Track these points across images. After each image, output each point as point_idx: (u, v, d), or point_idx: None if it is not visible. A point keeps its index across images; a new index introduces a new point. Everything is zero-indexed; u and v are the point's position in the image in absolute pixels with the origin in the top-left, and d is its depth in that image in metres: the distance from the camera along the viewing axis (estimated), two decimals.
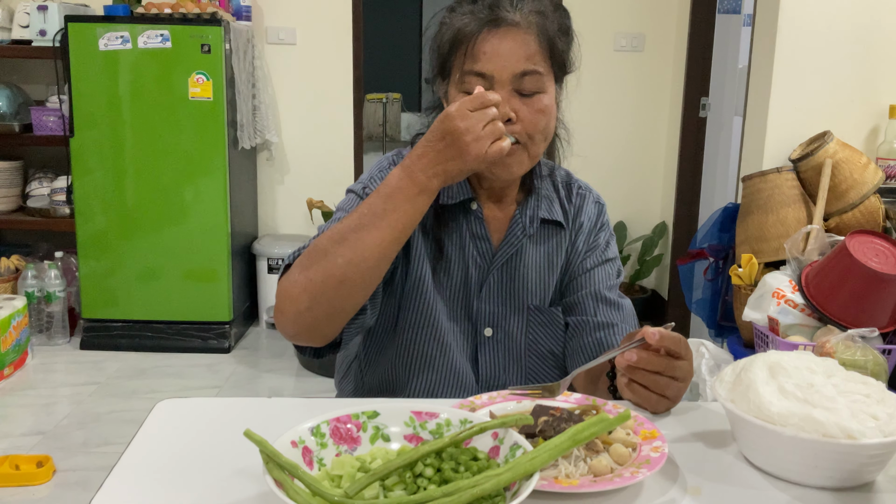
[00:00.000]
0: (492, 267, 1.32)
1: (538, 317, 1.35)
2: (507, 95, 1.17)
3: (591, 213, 1.40)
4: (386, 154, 1.36)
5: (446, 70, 1.23)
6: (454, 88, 1.21)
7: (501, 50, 1.17)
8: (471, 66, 1.18)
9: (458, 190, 1.30)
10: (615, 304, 1.36)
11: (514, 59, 1.17)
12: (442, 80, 1.26)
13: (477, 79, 1.17)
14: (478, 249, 1.32)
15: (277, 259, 4.12)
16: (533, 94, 1.20)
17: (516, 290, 1.34)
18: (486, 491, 0.76)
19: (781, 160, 2.74)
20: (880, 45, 2.73)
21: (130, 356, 3.75)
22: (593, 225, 1.39)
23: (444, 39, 1.22)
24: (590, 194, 1.42)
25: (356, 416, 0.92)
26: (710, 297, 2.82)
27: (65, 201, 3.94)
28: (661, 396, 1.08)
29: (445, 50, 1.22)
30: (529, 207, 1.34)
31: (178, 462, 0.95)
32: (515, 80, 1.18)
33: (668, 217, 4.33)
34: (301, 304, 1.10)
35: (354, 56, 4.26)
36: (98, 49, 3.60)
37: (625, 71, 4.28)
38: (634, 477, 0.88)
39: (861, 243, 2.20)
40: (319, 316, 1.11)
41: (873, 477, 0.93)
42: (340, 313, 1.13)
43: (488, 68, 1.17)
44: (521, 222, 1.33)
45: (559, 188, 1.39)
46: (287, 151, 4.34)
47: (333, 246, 1.09)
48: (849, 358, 1.87)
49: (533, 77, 1.19)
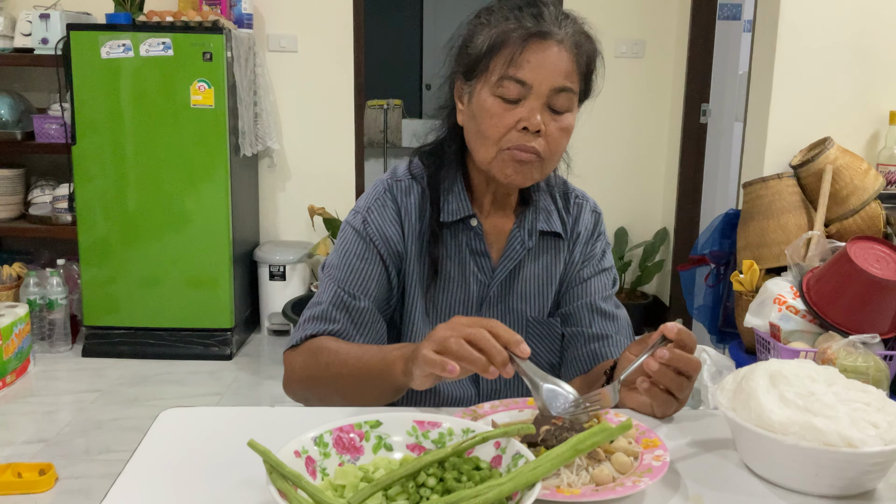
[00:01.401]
0: (492, 283, 1.32)
1: (537, 328, 1.35)
2: (539, 108, 1.18)
3: (588, 222, 1.40)
4: (381, 177, 1.34)
5: (476, 70, 1.22)
6: (487, 90, 1.20)
7: (546, 62, 1.18)
8: (514, 72, 1.18)
9: (458, 206, 1.29)
10: (610, 315, 1.36)
11: (556, 73, 1.18)
12: (465, 81, 1.25)
13: (516, 85, 1.18)
14: (478, 266, 1.31)
15: (279, 265, 4.12)
16: (563, 113, 1.21)
17: (515, 304, 1.34)
18: (488, 500, 0.76)
19: (782, 166, 2.75)
20: (880, 51, 2.74)
21: (132, 363, 3.76)
22: (590, 234, 1.39)
23: (481, 39, 1.22)
24: (587, 203, 1.42)
25: (359, 425, 0.92)
26: (712, 304, 2.82)
27: (67, 209, 3.95)
28: (674, 398, 1.09)
29: (482, 50, 1.21)
30: (528, 220, 1.33)
31: (182, 472, 0.95)
32: (552, 94, 1.19)
33: (670, 223, 4.34)
34: (298, 392, 1.27)
35: (355, 63, 4.27)
36: (100, 57, 3.61)
37: (625, 77, 4.29)
38: (636, 486, 0.88)
39: (862, 249, 2.20)
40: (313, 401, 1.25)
41: (874, 485, 0.94)
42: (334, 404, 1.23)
43: (530, 77, 1.17)
44: (519, 236, 1.33)
45: (556, 199, 1.39)
46: (288, 158, 4.34)
47: (330, 381, 1.20)
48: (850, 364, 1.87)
49: (567, 95, 1.20)
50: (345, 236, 1.30)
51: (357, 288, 1.25)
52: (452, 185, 1.30)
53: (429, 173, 1.32)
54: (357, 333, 1.24)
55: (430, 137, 1.36)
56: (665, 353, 1.05)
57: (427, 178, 1.32)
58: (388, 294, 1.29)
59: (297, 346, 1.25)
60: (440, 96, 1.32)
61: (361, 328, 1.25)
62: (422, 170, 1.33)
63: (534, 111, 1.18)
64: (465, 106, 1.26)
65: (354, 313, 1.25)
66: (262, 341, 4.16)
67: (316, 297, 1.28)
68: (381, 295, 1.28)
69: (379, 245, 1.27)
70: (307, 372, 1.21)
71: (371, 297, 1.26)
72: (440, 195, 1.30)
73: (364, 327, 1.25)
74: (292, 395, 1.26)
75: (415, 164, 1.35)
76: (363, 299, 1.25)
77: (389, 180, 1.33)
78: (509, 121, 1.19)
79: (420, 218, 1.30)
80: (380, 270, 1.27)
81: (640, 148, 4.40)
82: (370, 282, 1.26)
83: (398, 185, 1.32)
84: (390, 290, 1.29)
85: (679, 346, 1.07)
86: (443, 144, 1.34)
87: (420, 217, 1.30)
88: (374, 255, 1.27)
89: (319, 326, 1.24)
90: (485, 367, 0.96)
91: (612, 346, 1.33)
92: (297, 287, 4.16)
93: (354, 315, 1.25)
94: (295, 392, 1.25)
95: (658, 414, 1.11)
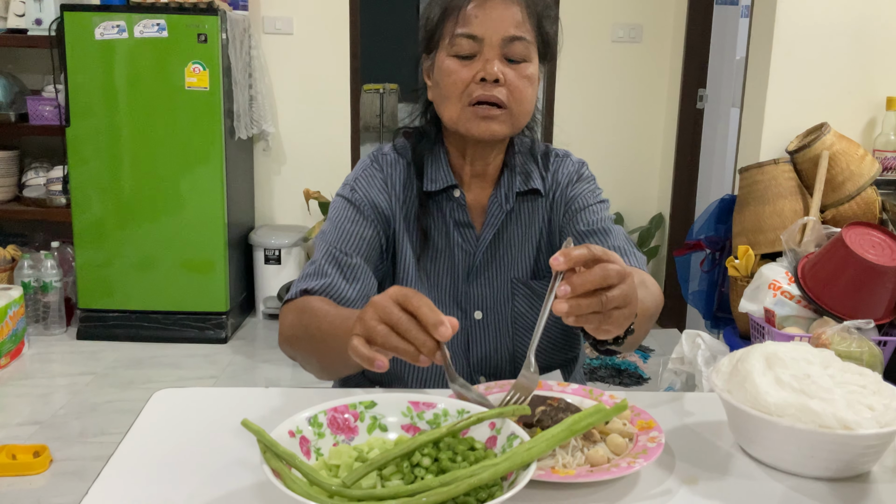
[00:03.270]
0: (477, 252, 1.33)
1: (522, 289, 1.35)
2: (494, 58, 1.21)
3: (569, 170, 1.38)
4: (369, 153, 1.39)
5: (434, 41, 1.27)
6: (443, 53, 1.25)
7: (493, 14, 1.21)
8: (462, 28, 1.22)
9: (441, 175, 1.32)
10: (601, 231, 1.31)
11: (505, 23, 1.22)
12: (427, 55, 1.30)
13: (467, 41, 1.21)
14: (462, 236, 1.33)
15: (274, 249, 4.12)
16: (520, 62, 1.23)
17: (500, 268, 1.35)
18: (483, 480, 0.76)
19: (778, 152, 2.74)
20: (878, 37, 2.73)
21: (127, 346, 3.75)
22: (571, 180, 1.37)
23: (433, 12, 1.27)
24: (568, 158, 1.41)
25: (353, 405, 0.92)
26: (707, 289, 2.82)
27: (61, 191, 3.93)
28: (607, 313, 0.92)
29: (434, 20, 1.26)
30: (503, 185, 1.34)
31: (175, 452, 0.95)
32: (505, 44, 1.22)
33: (665, 208, 4.33)
34: (286, 351, 1.25)
35: (351, 46, 4.24)
36: (94, 38, 3.59)
37: (622, 62, 4.28)
38: (631, 467, 0.88)
39: (857, 235, 2.20)
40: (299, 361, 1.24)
41: (869, 467, 0.94)
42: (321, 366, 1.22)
43: (479, 31, 1.21)
44: (497, 201, 1.34)
45: (538, 160, 1.39)
46: (284, 142, 4.33)
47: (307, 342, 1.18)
48: (844, 349, 1.88)
49: (522, 44, 1.23)
50: (335, 206, 1.34)
51: (349, 247, 1.28)
52: (435, 158, 1.34)
53: (412, 147, 1.36)
54: (348, 287, 1.25)
55: (415, 121, 1.41)
56: (566, 289, 0.89)
57: (411, 152, 1.36)
58: (378, 256, 1.32)
59: (291, 302, 1.26)
60: (415, 81, 1.37)
61: (353, 283, 1.26)
62: (406, 145, 1.37)
63: (489, 62, 1.21)
64: (431, 80, 1.30)
65: (346, 268, 1.26)
66: (258, 325, 4.16)
67: (311, 260, 1.31)
68: (373, 256, 1.30)
69: (367, 210, 1.30)
70: (292, 331, 1.22)
71: (363, 256, 1.28)
72: (424, 167, 1.34)
73: (356, 281, 1.26)
74: (284, 352, 1.27)
75: (399, 141, 1.39)
76: (355, 257, 1.27)
77: (375, 153, 1.38)
78: (466, 75, 1.22)
79: (405, 188, 1.33)
80: (370, 232, 1.29)
81: (636, 133, 4.39)
82: (361, 242, 1.29)
83: (384, 158, 1.36)
84: (381, 253, 1.32)
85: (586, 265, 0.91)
86: (423, 124, 1.39)
87: (405, 188, 1.34)
88: (364, 219, 1.30)
89: (312, 281, 1.25)
90: (414, 357, 0.90)
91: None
92: (293, 271, 4.15)
93: (346, 270, 1.26)
94: (284, 350, 1.26)
95: (609, 335, 0.96)
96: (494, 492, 0.78)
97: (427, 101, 1.34)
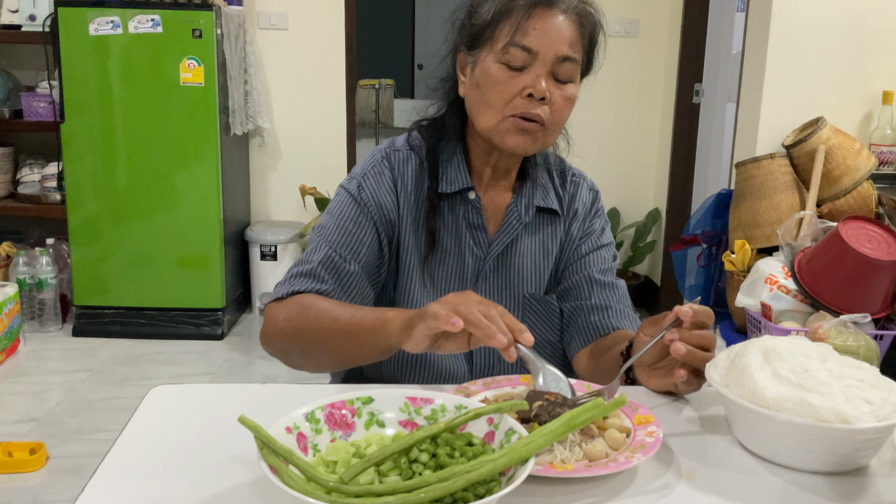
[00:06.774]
0: (488, 257, 1.32)
1: (533, 305, 1.35)
2: (543, 75, 1.19)
3: (585, 200, 1.40)
4: (379, 146, 1.35)
5: (481, 39, 1.23)
6: (492, 58, 1.21)
7: (551, 30, 1.18)
8: (520, 38, 1.18)
9: (456, 178, 1.29)
10: (610, 285, 1.36)
11: (560, 42, 1.19)
12: (469, 51, 1.25)
13: (522, 52, 1.18)
14: (474, 239, 1.31)
15: (270, 245, 4.11)
16: (566, 83, 1.22)
17: (511, 279, 1.34)
18: (481, 476, 0.76)
19: (775, 146, 2.75)
20: (874, 31, 2.73)
21: (123, 343, 3.74)
22: (588, 211, 1.39)
23: (486, 8, 1.22)
24: (584, 181, 1.42)
25: (351, 401, 0.92)
26: (703, 283, 2.82)
27: (56, 188, 3.92)
28: (698, 375, 1.07)
29: (487, 19, 1.21)
30: (524, 196, 1.33)
31: (172, 449, 0.95)
32: (556, 63, 1.19)
33: (662, 203, 4.33)
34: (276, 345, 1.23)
35: (347, 41, 4.23)
36: (88, 34, 3.57)
37: (618, 57, 4.27)
38: (629, 462, 0.88)
39: (854, 229, 2.20)
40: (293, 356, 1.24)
41: (867, 461, 0.94)
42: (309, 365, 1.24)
43: (535, 44, 1.18)
44: (516, 210, 1.32)
45: (553, 176, 1.39)
46: (279, 137, 4.31)
47: (317, 334, 1.16)
48: (841, 343, 1.88)
49: (571, 64, 1.21)
50: (339, 199, 1.30)
51: (348, 251, 1.25)
52: (452, 157, 1.31)
53: (428, 145, 1.32)
54: (344, 296, 1.24)
55: (431, 111, 1.36)
56: (675, 335, 1.04)
57: (426, 150, 1.32)
58: (378, 262, 1.29)
59: (282, 300, 1.24)
60: (442, 69, 1.32)
61: (348, 291, 1.25)
62: (420, 142, 1.33)
63: (539, 78, 1.18)
64: (467, 77, 1.26)
65: (343, 276, 1.24)
66: (254, 321, 4.15)
67: (305, 255, 1.28)
68: (371, 262, 1.28)
69: (373, 211, 1.27)
70: (291, 324, 1.19)
71: (361, 263, 1.26)
72: (439, 166, 1.30)
73: (351, 291, 1.25)
74: (269, 348, 1.24)
75: (414, 136, 1.35)
76: (353, 263, 1.25)
77: (387, 149, 1.33)
78: (514, 88, 1.19)
79: (416, 189, 1.30)
80: (372, 237, 1.27)
81: (632, 128, 4.39)
82: (361, 247, 1.26)
83: (396, 155, 1.32)
84: (381, 258, 1.29)
85: (697, 326, 1.06)
86: (444, 117, 1.34)
87: (416, 188, 1.30)
88: (368, 221, 1.27)
89: (307, 283, 1.24)
90: (493, 335, 0.95)
91: (613, 317, 1.32)
92: (289, 267, 4.14)
93: (343, 278, 1.24)
94: (273, 345, 1.23)
95: (682, 392, 1.10)
96: (493, 487, 0.77)
97: (455, 95, 1.31)
